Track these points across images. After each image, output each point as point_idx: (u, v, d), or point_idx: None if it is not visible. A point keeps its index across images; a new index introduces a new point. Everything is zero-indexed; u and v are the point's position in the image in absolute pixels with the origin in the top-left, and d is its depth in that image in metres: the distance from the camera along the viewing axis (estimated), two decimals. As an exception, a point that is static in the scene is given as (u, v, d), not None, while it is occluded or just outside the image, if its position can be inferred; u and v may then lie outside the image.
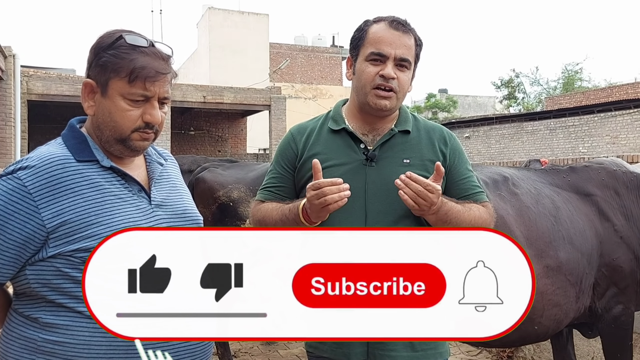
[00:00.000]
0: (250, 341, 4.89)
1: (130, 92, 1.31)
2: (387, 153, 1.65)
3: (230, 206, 3.81)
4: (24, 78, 12.32)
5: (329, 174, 1.58)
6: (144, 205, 1.36)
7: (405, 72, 1.63)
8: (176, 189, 1.50)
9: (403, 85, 1.63)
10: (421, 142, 1.69)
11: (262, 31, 29.89)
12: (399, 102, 1.66)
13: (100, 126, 1.36)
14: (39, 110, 14.12)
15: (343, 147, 1.67)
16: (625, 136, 15.37)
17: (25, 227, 1.24)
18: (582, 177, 2.84)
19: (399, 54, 1.60)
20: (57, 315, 1.27)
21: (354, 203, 1.56)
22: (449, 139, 1.73)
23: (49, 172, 1.26)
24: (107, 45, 1.32)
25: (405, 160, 1.64)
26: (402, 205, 1.50)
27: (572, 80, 29.62)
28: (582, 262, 2.57)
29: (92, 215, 1.27)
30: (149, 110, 1.34)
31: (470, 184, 1.70)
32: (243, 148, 19.59)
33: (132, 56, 1.31)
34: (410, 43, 1.64)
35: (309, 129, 1.75)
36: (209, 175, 3.99)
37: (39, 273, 1.27)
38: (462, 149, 1.76)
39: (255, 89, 16.88)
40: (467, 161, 1.74)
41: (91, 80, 1.34)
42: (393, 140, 1.67)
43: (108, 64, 1.31)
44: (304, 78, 33.43)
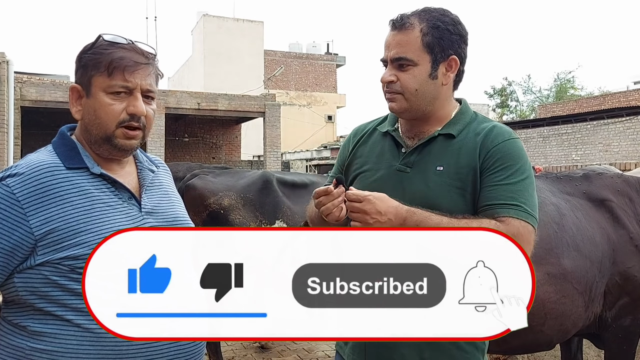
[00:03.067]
0: (244, 348, 4.87)
1: (110, 85, 1.31)
2: (425, 159, 1.53)
3: (221, 214, 3.81)
4: (18, 84, 12.28)
5: (363, 179, 1.59)
6: (134, 213, 1.35)
7: (409, 70, 1.50)
8: (168, 196, 1.49)
9: (406, 84, 1.51)
10: (463, 148, 1.51)
11: (256, 38, 29.97)
12: (412, 102, 1.52)
13: (87, 127, 1.36)
14: (33, 117, 14.07)
15: (385, 151, 1.60)
16: (617, 144, 15.47)
17: (13, 235, 1.22)
18: (596, 184, 2.78)
19: (392, 55, 1.52)
20: (45, 324, 1.26)
21: None
22: (493, 142, 1.49)
23: (37, 180, 1.26)
24: (87, 48, 1.35)
25: (438, 168, 1.50)
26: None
27: (565, 89, 29.82)
28: (592, 270, 2.50)
29: (81, 222, 1.26)
30: (132, 102, 1.33)
31: (496, 194, 1.45)
32: (237, 155, 19.57)
33: (110, 51, 1.32)
34: (407, 38, 1.50)
35: (365, 130, 1.72)
36: (199, 183, 3.99)
37: (27, 281, 1.26)
38: (511, 154, 1.48)
39: (250, 96, 16.89)
40: (510, 169, 1.47)
41: (77, 85, 1.36)
42: (433, 145, 1.54)
43: (89, 63, 1.33)
44: (298, 85, 33.48)
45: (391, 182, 1.54)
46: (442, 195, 1.47)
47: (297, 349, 4.86)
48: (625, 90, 21.88)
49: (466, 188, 1.47)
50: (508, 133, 1.53)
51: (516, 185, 1.45)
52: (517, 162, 1.48)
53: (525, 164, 1.49)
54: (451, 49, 1.51)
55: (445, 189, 1.47)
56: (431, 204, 1.45)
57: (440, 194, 1.47)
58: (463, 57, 1.55)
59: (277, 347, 4.89)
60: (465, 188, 1.47)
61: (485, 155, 1.48)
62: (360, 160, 1.64)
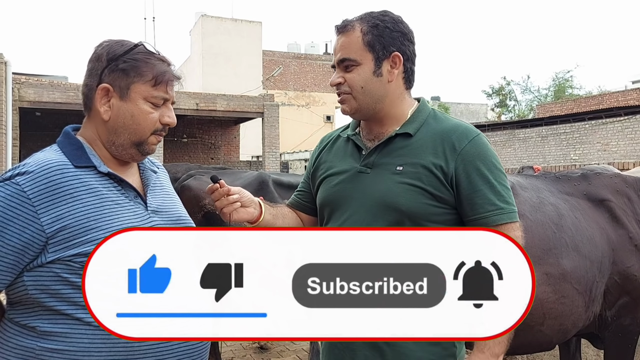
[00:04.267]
0: (243, 349, 4.87)
1: (153, 95, 1.38)
2: (384, 159, 1.56)
3: (216, 214, 3.79)
4: (16, 85, 12.26)
5: (327, 183, 1.64)
6: (141, 211, 1.38)
7: (353, 70, 1.54)
8: (169, 196, 1.54)
9: (352, 83, 1.54)
10: (423, 146, 1.53)
11: (255, 38, 29.95)
12: (360, 101, 1.56)
13: (117, 130, 1.38)
14: (31, 118, 14.06)
15: (347, 155, 1.65)
16: (616, 143, 15.48)
17: (24, 233, 1.23)
18: (595, 184, 2.79)
19: (338, 58, 1.57)
20: (55, 323, 1.26)
21: (343, 213, 1.56)
22: (462, 143, 1.51)
23: (47, 178, 1.27)
24: (124, 52, 1.37)
25: (398, 168, 1.52)
26: (389, 216, 1.48)
27: (563, 88, 29.86)
28: (592, 270, 2.51)
29: (92, 220, 1.27)
30: (167, 113, 1.42)
31: (483, 200, 1.48)
32: (236, 155, 19.57)
33: (153, 62, 1.38)
34: (350, 39, 1.54)
35: (330, 137, 1.77)
36: (194, 183, 3.98)
37: (38, 279, 1.26)
38: (483, 155, 1.51)
39: (248, 97, 16.89)
40: (488, 171, 1.50)
41: (108, 85, 1.36)
42: (391, 145, 1.57)
43: (131, 69, 1.36)
44: (297, 85, 33.48)
45: (353, 183, 1.57)
46: (401, 194, 1.48)
47: (296, 349, 4.86)
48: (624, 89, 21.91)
49: (427, 188, 1.48)
50: (470, 131, 1.55)
51: (495, 187, 1.50)
52: (487, 161, 1.51)
53: (493, 157, 1.54)
54: (393, 46, 1.54)
55: (404, 188, 1.48)
56: (391, 202, 1.48)
57: (400, 193, 1.48)
58: (408, 54, 1.57)
59: (276, 348, 4.89)
60: (426, 188, 1.48)
61: (456, 161, 1.49)
62: (324, 166, 1.69)
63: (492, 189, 1.49)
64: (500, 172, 1.53)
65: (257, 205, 1.62)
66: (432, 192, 1.48)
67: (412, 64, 1.60)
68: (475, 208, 1.49)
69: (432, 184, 1.48)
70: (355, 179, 1.57)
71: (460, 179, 1.49)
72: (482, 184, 1.49)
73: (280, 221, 1.70)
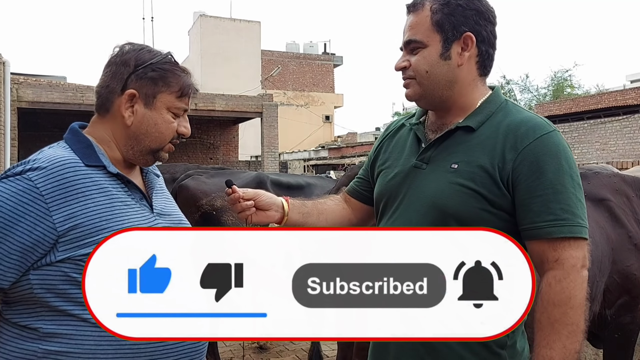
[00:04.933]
0: (243, 349, 4.87)
1: (176, 106, 1.41)
2: (441, 155, 1.42)
3: (213, 215, 3.79)
4: (14, 85, 12.24)
5: (383, 176, 1.55)
6: (147, 213, 1.38)
7: (419, 52, 1.41)
8: (170, 199, 1.55)
9: (417, 67, 1.42)
10: (483, 143, 1.37)
11: (253, 38, 29.95)
12: (425, 87, 1.43)
13: (139, 137, 1.39)
14: (29, 118, 14.03)
15: (407, 147, 1.53)
16: (614, 142, 15.50)
17: (35, 230, 1.21)
18: (594, 183, 2.78)
19: (404, 40, 1.45)
20: (59, 324, 1.24)
21: (394, 210, 1.48)
22: (527, 139, 1.32)
23: (60, 175, 1.25)
24: (155, 61, 1.38)
25: (453, 166, 1.38)
26: (434, 218, 1.38)
27: (562, 87, 29.86)
28: (592, 269, 2.44)
29: (104, 220, 1.26)
30: (184, 123, 1.44)
31: (541, 208, 1.29)
32: (235, 155, 19.55)
33: (179, 73, 1.41)
34: (419, 19, 1.41)
35: (394, 125, 1.68)
36: (192, 183, 3.98)
37: (45, 278, 1.23)
38: (552, 155, 1.31)
39: (247, 96, 16.88)
40: (555, 174, 1.30)
41: (134, 91, 1.36)
42: (451, 140, 1.42)
43: (159, 78, 1.37)
44: (295, 85, 33.48)
45: (406, 179, 1.46)
46: (451, 196, 1.36)
47: (295, 349, 4.86)
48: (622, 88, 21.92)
49: (480, 191, 1.34)
50: (540, 127, 1.35)
51: (561, 192, 1.30)
52: (555, 163, 1.31)
53: (566, 160, 1.32)
54: (465, 26, 1.39)
55: (455, 190, 1.36)
56: (439, 204, 1.37)
57: (450, 194, 1.36)
58: (484, 36, 1.41)
59: (275, 348, 4.89)
60: (479, 191, 1.34)
61: (515, 160, 1.32)
62: (383, 156, 1.60)
63: (556, 195, 1.29)
64: (572, 178, 1.31)
65: (278, 207, 1.56)
66: (485, 196, 1.34)
67: (489, 46, 1.43)
68: (529, 216, 1.31)
69: (486, 186, 1.34)
70: (410, 175, 1.46)
71: (518, 181, 1.32)
72: (543, 188, 1.30)
73: (315, 218, 1.63)
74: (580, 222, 1.29)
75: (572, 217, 1.29)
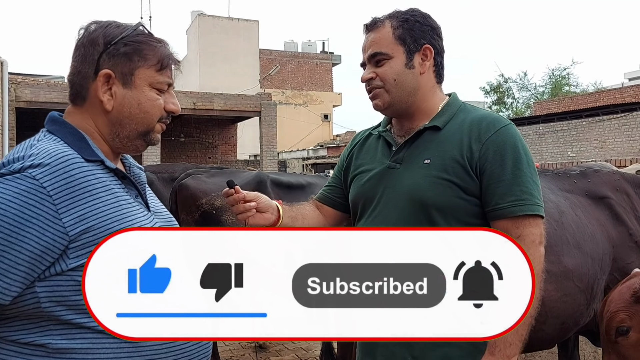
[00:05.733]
0: (242, 348, 4.87)
1: (159, 81, 1.27)
2: (413, 153, 1.56)
3: (213, 214, 3.78)
4: (12, 85, 12.23)
5: (358, 180, 1.66)
6: (146, 212, 1.28)
7: (385, 63, 1.55)
8: (155, 196, 1.43)
9: (385, 76, 1.56)
10: (450, 138, 1.52)
11: (251, 37, 29.91)
12: (393, 95, 1.56)
13: (122, 121, 1.25)
14: (27, 118, 14.01)
15: (379, 152, 1.65)
16: (612, 140, 15.50)
17: (44, 236, 1.06)
18: (594, 181, 2.79)
19: (368, 54, 1.58)
20: (72, 338, 1.12)
21: (374, 209, 1.58)
22: (489, 131, 1.49)
23: (67, 172, 1.11)
24: (126, 35, 1.23)
25: (425, 161, 1.52)
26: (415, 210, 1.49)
27: (560, 85, 29.87)
28: (593, 267, 2.49)
29: (114, 220, 1.15)
30: (171, 99, 1.31)
31: (503, 190, 1.45)
32: (234, 155, 19.55)
33: (155, 44, 1.27)
34: (380, 35, 1.56)
35: (361, 135, 1.79)
36: (192, 182, 3.96)
37: (55, 289, 1.10)
38: (511, 145, 1.48)
39: (246, 96, 16.87)
40: (514, 162, 1.46)
41: (109, 71, 1.22)
42: (420, 140, 1.57)
43: (134, 53, 1.23)
44: (294, 84, 33.45)
45: (383, 179, 1.58)
46: (429, 188, 1.48)
47: (295, 348, 4.86)
48: (620, 86, 21.95)
49: (453, 180, 1.47)
50: (498, 121, 1.53)
51: (519, 177, 1.45)
52: (513, 151, 1.47)
53: (522, 148, 1.49)
54: (423, 39, 1.56)
55: (432, 181, 1.48)
56: (418, 196, 1.48)
57: (427, 186, 1.48)
58: (438, 48, 1.59)
59: (275, 347, 4.89)
60: (453, 180, 1.47)
61: (480, 151, 1.48)
62: (355, 163, 1.71)
63: (516, 179, 1.45)
64: (529, 165, 1.49)
65: (274, 210, 1.62)
66: (458, 184, 1.47)
67: (441, 58, 1.61)
68: (493, 199, 1.46)
69: (458, 174, 1.48)
70: (385, 175, 1.58)
71: (484, 169, 1.47)
72: (505, 174, 1.45)
73: (300, 222, 1.70)
74: (537, 202, 1.46)
75: (531, 198, 1.45)
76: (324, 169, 20.33)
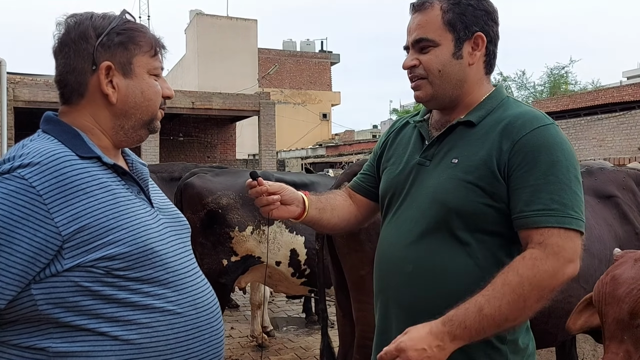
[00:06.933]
0: (242, 347, 4.87)
1: (154, 66, 1.26)
2: (443, 150, 1.42)
3: (219, 213, 3.79)
4: (11, 85, 12.21)
5: (387, 174, 1.55)
6: (149, 208, 1.24)
7: (431, 51, 1.40)
8: (160, 192, 1.39)
9: (429, 66, 1.40)
10: (483, 137, 1.36)
11: (250, 37, 29.91)
12: (437, 87, 1.41)
13: (127, 112, 1.23)
14: (26, 118, 13.99)
15: (411, 144, 1.52)
16: (611, 139, 15.52)
17: (36, 237, 1.04)
18: (600, 179, 2.75)
19: (413, 38, 1.42)
20: (72, 341, 1.08)
21: (398, 207, 1.47)
22: (521, 131, 1.31)
23: (57, 170, 1.08)
24: (115, 25, 1.21)
25: (453, 160, 1.37)
26: (435, 213, 1.35)
27: (558, 84, 29.87)
28: (600, 268, 2.43)
29: (111, 218, 1.11)
30: (165, 85, 1.29)
31: (530, 197, 1.27)
32: (232, 154, 19.53)
33: (145, 31, 1.25)
34: (427, 18, 1.40)
35: (398, 123, 1.66)
36: (198, 181, 3.97)
37: (51, 291, 1.07)
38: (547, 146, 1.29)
39: (244, 95, 16.86)
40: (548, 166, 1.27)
41: (110, 62, 1.19)
42: (452, 135, 1.42)
43: (129, 41, 1.21)
44: (292, 83, 33.47)
45: (410, 176, 1.46)
46: (452, 191, 1.34)
47: (294, 347, 4.87)
48: (619, 85, 21.94)
49: (479, 184, 1.32)
50: (537, 119, 1.34)
51: (553, 183, 1.26)
52: (550, 154, 1.28)
53: (562, 152, 1.29)
54: (476, 26, 1.40)
55: (455, 184, 1.34)
56: (440, 199, 1.35)
57: (450, 189, 1.34)
58: (492, 36, 1.43)
59: (274, 346, 4.90)
60: (479, 184, 1.32)
61: (511, 151, 1.30)
62: (388, 153, 1.59)
63: (547, 186, 1.26)
64: (568, 171, 1.28)
65: (300, 202, 1.53)
66: (484, 188, 1.32)
67: (494, 46, 1.45)
68: (518, 205, 1.28)
69: (485, 178, 1.32)
70: (414, 172, 1.46)
71: (512, 171, 1.30)
72: (535, 178, 1.27)
73: (329, 214, 1.60)
74: (571, 214, 1.25)
75: (562, 208, 1.25)
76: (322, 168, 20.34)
